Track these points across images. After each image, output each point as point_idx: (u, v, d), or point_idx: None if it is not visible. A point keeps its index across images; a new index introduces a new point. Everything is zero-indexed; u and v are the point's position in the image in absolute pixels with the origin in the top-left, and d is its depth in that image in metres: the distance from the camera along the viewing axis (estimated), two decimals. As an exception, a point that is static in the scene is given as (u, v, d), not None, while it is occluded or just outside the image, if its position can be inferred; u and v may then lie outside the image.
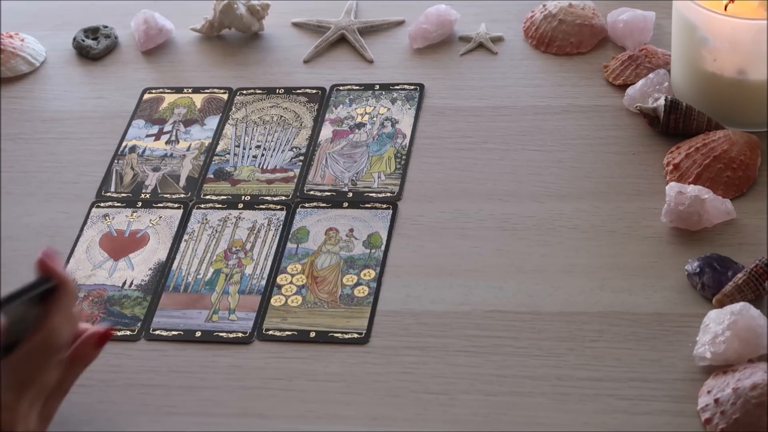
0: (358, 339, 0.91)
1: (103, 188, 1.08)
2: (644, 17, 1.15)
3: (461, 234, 0.98)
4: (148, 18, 1.24)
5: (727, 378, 0.82)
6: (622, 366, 0.86)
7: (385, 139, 1.09)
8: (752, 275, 0.88)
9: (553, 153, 1.05)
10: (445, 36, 1.19)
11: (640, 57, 1.11)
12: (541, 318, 0.90)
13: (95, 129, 1.15)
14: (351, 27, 1.22)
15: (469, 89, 1.13)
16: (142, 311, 0.96)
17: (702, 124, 1.02)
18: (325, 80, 1.17)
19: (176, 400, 0.88)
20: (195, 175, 1.08)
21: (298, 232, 1.01)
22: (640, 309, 0.90)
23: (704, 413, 0.81)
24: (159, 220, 1.04)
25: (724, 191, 0.97)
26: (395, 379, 0.87)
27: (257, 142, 1.11)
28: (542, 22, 1.17)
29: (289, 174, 1.07)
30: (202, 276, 0.98)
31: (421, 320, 0.91)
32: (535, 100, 1.11)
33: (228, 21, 1.23)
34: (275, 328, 0.93)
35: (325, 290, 0.96)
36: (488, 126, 1.09)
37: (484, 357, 0.88)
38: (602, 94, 1.10)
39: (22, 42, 1.25)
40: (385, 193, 1.03)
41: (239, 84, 1.18)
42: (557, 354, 0.87)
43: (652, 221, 0.96)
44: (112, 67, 1.23)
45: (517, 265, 0.95)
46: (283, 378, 0.89)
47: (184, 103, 1.17)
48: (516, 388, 0.85)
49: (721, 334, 0.84)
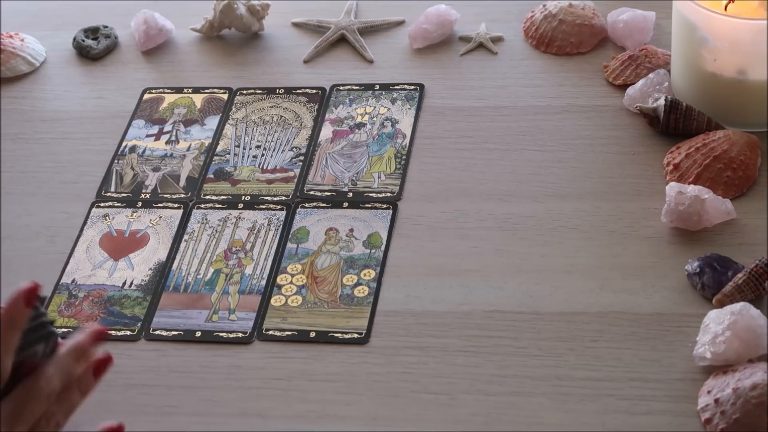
0: (358, 339, 0.91)
1: (103, 188, 1.08)
2: (644, 17, 1.15)
3: (461, 234, 0.98)
4: (148, 18, 1.24)
5: (727, 378, 0.82)
6: (622, 366, 0.86)
7: (385, 139, 1.09)
8: (752, 275, 0.88)
9: (553, 153, 1.05)
10: (445, 36, 1.19)
11: (640, 57, 1.11)
12: (541, 318, 0.90)
13: (95, 129, 1.15)
14: (351, 27, 1.22)
15: (469, 89, 1.13)
16: (142, 311, 0.96)
17: (702, 124, 1.02)
18: (325, 80, 1.17)
19: (176, 400, 0.88)
20: (195, 175, 1.08)
21: (298, 232, 1.01)
22: (640, 309, 0.90)
23: (704, 413, 0.81)
24: (159, 220, 1.04)
25: (724, 191, 0.97)
26: (395, 379, 0.87)
27: (257, 142, 1.11)
28: (542, 22, 1.17)
29: (289, 174, 1.07)
30: (202, 276, 0.98)
31: (421, 320, 0.91)
32: (535, 100, 1.11)
33: (228, 21, 1.23)
34: (275, 328, 0.93)
35: (325, 290, 0.96)
36: (488, 126, 1.09)
37: (484, 357, 0.88)
38: (602, 94, 1.10)
39: (22, 42, 1.25)
40: (385, 193, 1.03)
41: (239, 84, 1.18)
42: (557, 354, 0.87)
43: (652, 221, 0.96)
44: (112, 67, 1.23)
45: (517, 265, 0.95)
46: (283, 378, 0.89)
47: (184, 103, 1.17)
48: (516, 388, 0.85)
49: (721, 334, 0.84)
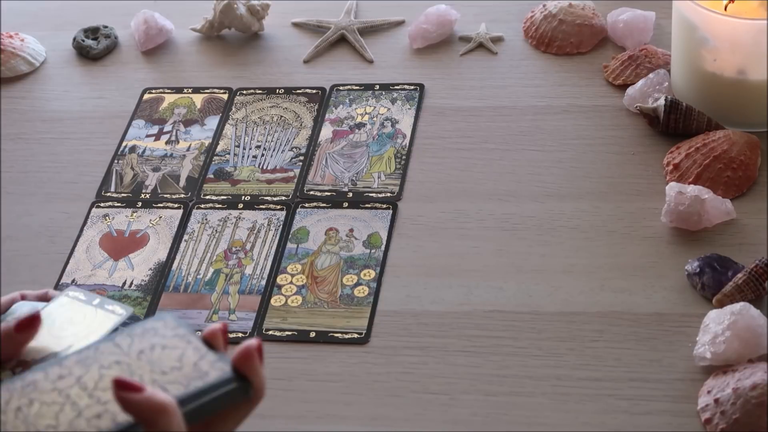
0: (358, 339, 0.91)
1: (103, 188, 1.08)
2: (644, 17, 1.15)
3: (461, 234, 0.98)
4: (148, 18, 1.24)
5: (727, 378, 0.82)
6: (622, 366, 0.86)
7: (385, 139, 1.09)
8: (752, 275, 0.88)
9: (553, 153, 1.05)
10: (445, 36, 1.19)
11: (640, 57, 1.11)
12: (541, 318, 0.90)
13: (95, 129, 1.15)
14: (351, 27, 1.22)
15: (469, 89, 1.13)
16: (142, 311, 0.96)
17: (702, 124, 1.02)
18: (325, 80, 1.17)
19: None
20: (195, 175, 1.08)
21: (298, 232, 1.01)
22: (640, 309, 0.90)
23: (704, 413, 0.81)
24: (159, 220, 1.04)
25: (724, 191, 0.97)
26: (395, 379, 0.87)
27: (257, 142, 1.11)
28: (542, 22, 1.17)
29: (289, 174, 1.07)
30: (202, 276, 0.98)
31: (421, 320, 0.91)
32: (535, 100, 1.11)
33: (228, 21, 1.23)
34: (275, 328, 0.93)
35: (325, 290, 0.96)
36: (488, 126, 1.09)
37: (484, 357, 0.88)
38: (602, 94, 1.10)
39: (22, 42, 1.25)
40: (385, 193, 1.03)
41: (239, 84, 1.18)
42: (557, 354, 0.87)
43: (652, 221, 0.96)
44: (112, 67, 1.23)
45: (517, 265, 0.95)
46: (283, 378, 0.89)
47: (184, 103, 1.17)
48: (516, 388, 0.85)
49: (721, 334, 0.84)
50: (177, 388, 0.64)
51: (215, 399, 0.64)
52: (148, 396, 0.62)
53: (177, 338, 0.67)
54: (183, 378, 0.64)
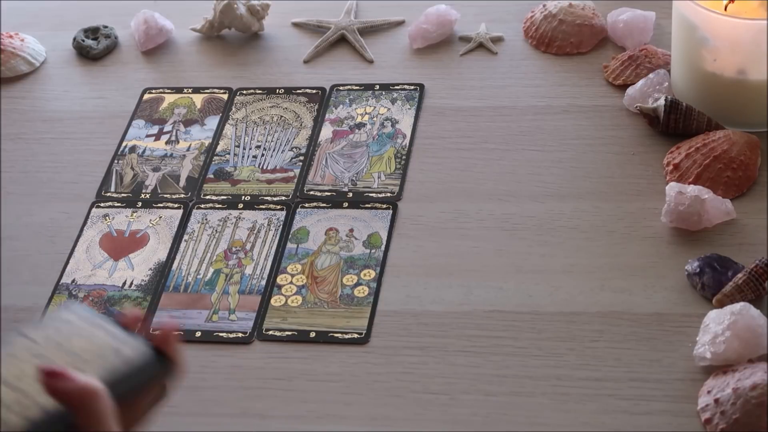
0: (358, 339, 0.91)
1: (103, 188, 1.08)
2: (644, 17, 1.15)
3: (461, 234, 0.98)
4: (148, 18, 1.24)
5: (727, 378, 0.82)
6: (622, 366, 0.86)
7: (385, 139, 1.09)
8: (752, 275, 0.88)
9: (553, 153, 1.05)
10: (445, 36, 1.19)
11: (640, 57, 1.11)
12: (541, 318, 0.90)
13: (95, 129, 1.15)
14: (351, 27, 1.22)
15: (469, 89, 1.13)
16: (141, 312, 0.95)
17: (702, 124, 1.02)
18: (325, 80, 1.17)
19: (176, 400, 0.88)
20: (195, 175, 1.08)
21: (298, 232, 1.01)
22: (640, 309, 0.90)
23: (704, 413, 0.81)
24: (159, 220, 1.04)
25: (724, 191, 0.97)
26: (395, 379, 0.87)
27: (257, 142, 1.11)
28: (542, 22, 1.17)
29: (289, 174, 1.07)
30: (202, 276, 0.98)
31: (421, 320, 0.91)
32: (535, 100, 1.11)
33: (228, 21, 1.23)
34: (275, 328, 0.93)
35: (325, 290, 0.96)
36: (488, 126, 1.09)
37: (484, 357, 0.88)
38: (602, 94, 1.10)
39: (22, 42, 1.25)
40: (385, 193, 1.03)
41: (239, 84, 1.18)
42: (557, 354, 0.87)
43: (652, 221, 0.96)
44: (112, 67, 1.23)
45: (517, 265, 0.95)
46: (283, 378, 0.89)
47: (184, 103, 1.17)
48: (516, 388, 0.85)
49: (721, 334, 0.84)
50: (101, 373, 0.64)
51: (141, 379, 0.66)
52: (76, 381, 0.62)
53: (91, 326, 0.67)
54: (105, 363, 0.65)
